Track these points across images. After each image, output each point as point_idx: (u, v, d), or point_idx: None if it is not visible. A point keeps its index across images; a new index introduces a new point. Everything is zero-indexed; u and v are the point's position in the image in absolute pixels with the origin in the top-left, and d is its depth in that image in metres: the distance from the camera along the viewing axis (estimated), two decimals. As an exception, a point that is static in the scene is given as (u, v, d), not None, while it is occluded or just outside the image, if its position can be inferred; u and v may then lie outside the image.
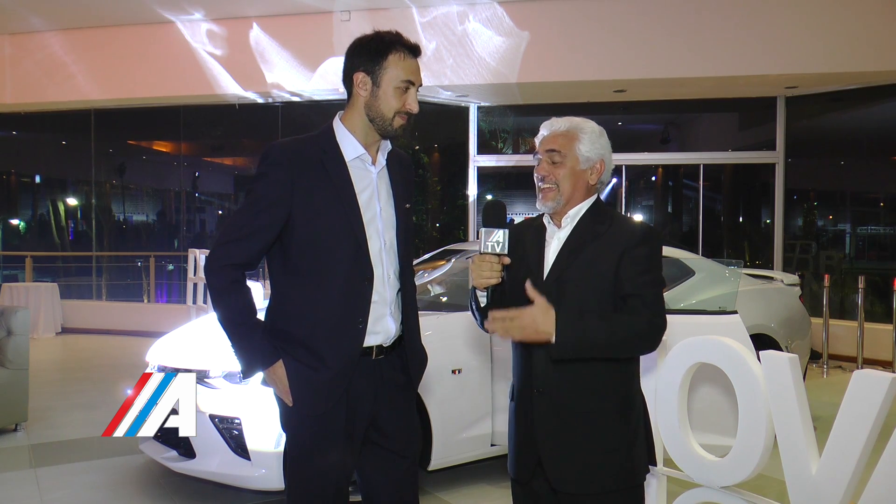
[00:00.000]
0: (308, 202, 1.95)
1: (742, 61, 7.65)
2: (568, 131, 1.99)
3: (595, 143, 1.97)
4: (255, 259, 1.99)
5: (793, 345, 5.01)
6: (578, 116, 2.04)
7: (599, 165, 1.99)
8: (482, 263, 1.89)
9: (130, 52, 9.19)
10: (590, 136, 1.98)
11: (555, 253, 1.97)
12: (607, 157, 2.01)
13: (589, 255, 1.91)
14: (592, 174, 1.98)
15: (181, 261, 10.38)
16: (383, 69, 1.98)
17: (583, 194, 1.99)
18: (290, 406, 1.98)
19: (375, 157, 2.07)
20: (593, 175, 1.98)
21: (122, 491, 3.85)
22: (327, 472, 2.00)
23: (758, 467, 2.02)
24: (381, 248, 2.03)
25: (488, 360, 3.82)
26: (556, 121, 2.02)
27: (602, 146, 1.99)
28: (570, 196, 1.97)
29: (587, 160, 1.97)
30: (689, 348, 2.21)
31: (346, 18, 8.33)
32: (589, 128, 1.99)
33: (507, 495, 2.22)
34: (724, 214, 10.04)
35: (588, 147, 1.97)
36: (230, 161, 12.28)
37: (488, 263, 1.88)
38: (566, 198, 1.97)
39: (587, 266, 1.91)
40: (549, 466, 1.92)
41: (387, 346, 2.06)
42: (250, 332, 1.96)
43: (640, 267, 1.88)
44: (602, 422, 1.90)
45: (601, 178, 2.01)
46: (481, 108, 9.69)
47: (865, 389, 1.72)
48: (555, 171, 1.96)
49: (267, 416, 3.27)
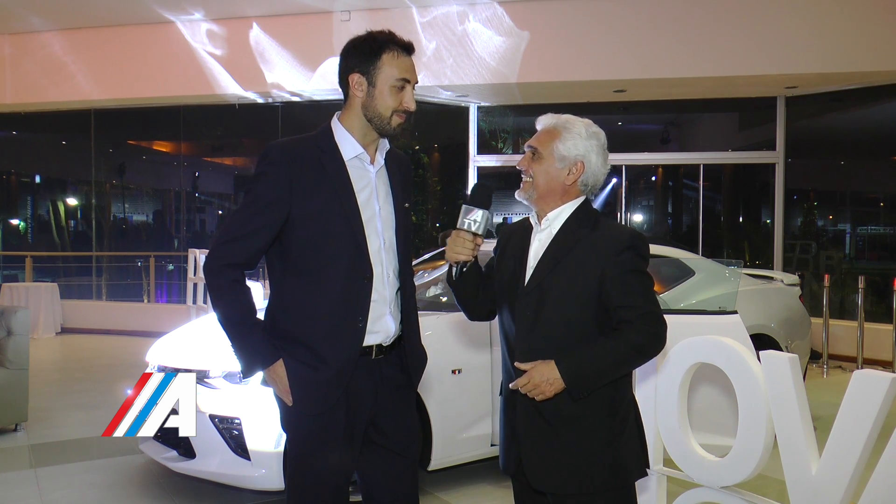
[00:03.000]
0: (307, 201, 1.95)
1: (742, 61, 7.65)
2: (552, 129, 1.98)
3: (578, 143, 1.94)
4: (254, 258, 1.99)
5: (793, 345, 5.01)
6: (580, 117, 2.01)
7: (578, 166, 1.94)
8: (457, 239, 1.94)
9: (130, 52, 9.19)
10: (574, 135, 1.95)
11: (535, 254, 1.96)
12: (592, 159, 1.95)
13: (571, 262, 1.89)
14: (570, 175, 1.95)
15: (181, 261, 10.37)
16: (378, 69, 1.98)
17: (560, 194, 1.96)
18: (290, 405, 1.98)
19: (374, 157, 2.07)
20: (570, 176, 1.95)
21: (122, 491, 3.85)
22: (327, 472, 2.00)
23: (758, 467, 2.02)
24: (380, 247, 2.03)
25: (488, 360, 3.82)
26: (548, 117, 2.02)
27: (586, 148, 1.95)
28: (545, 193, 1.96)
29: (563, 159, 1.94)
30: (689, 348, 2.21)
31: (346, 18, 8.33)
32: (577, 128, 1.96)
33: (508, 495, 2.22)
34: (724, 214, 10.04)
35: (567, 146, 1.94)
36: (230, 161, 12.27)
37: (462, 240, 1.93)
38: (539, 193, 1.97)
39: (569, 273, 1.89)
40: (528, 465, 1.93)
41: (386, 345, 2.06)
42: (250, 332, 1.96)
43: (627, 275, 1.85)
44: (585, 424, 1.88)
45: (583, 181, 1.96)
46: (481, 108, 9.68)
47: (865, 389, 1.72)
48: (532, 164, 1.97)
49: (267, 416, 3.27)
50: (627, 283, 1.86)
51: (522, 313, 1.92)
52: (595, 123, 2.02)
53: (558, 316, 1.88)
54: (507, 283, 1.99)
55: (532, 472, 1.92)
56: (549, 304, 1.89)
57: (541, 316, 1.89)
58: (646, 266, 1.91)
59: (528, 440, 1.92)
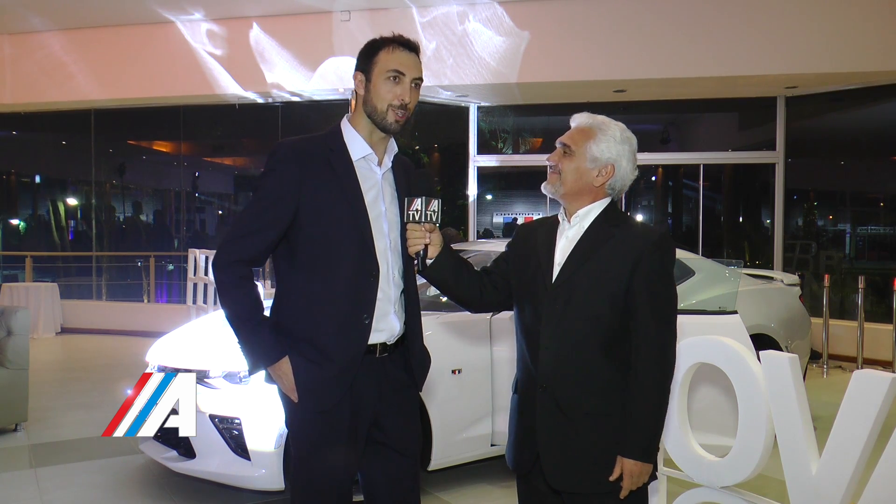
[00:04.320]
0: (315, 199, 1.97)
1: (742, 61, 7.65)
2: (587, 128, 1.99)
3: (611, 146, 1.95)
4: (262, 255, 2.00)
5: (793, 345, 5.01)
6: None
7: (609, 169, 1.96)
8: (409, 231, 1.99)
9: (130, 52, 9.19)
10: (609, 138, 1.96)
11: (563, 252, 1.97)
12: (623, 164, 1.97)
13: (601, 258, 1.91)
14: (599, 176, 1.96)
15: (181, 261, 10.37)
16: (374, 64, 2.01)
17: (589, 194, 1.98)
18: (295, 403, 1.99)
19: (382, 159, 2.09)
20: (599, 177, 1.96)
21: (122, 491, 3.85)
22: (331, 471, 2.00)
23: (758, 467, 2.02)
24: (386, 247, 2.04)
25: (488, 360, 3.82)
26: (584, 116, 2.03)
27: (619, 152, 1.96)
28: (572, 190, 1.98)
29: (594, 160, 1.95)
30: (689, 348, 2.21)
31: (346, 18, 8.33)
32: (612, 130, 1.97)
33: (508, 495, 2.22)
34: (724, 214, 10.04)
35: (601, 148, 1.95)
36: (230, 161, 12.27)
37: (411, 231, 1.98)
38: (566, 189, 1.98)
39: (599, 269, 1.90)
40: (547, 463, 1.92)
41: (390, 344, 2.07)
42: (257, 329, 1.97)
43: (654, 283, 1.88)
44: (605, 422, 1.89)
45: (610, 184, 1.98)
46: (481, 108, 9.68)
47: (865, 389, 1.72)
48: (563, 161, 1.98)
49: (267, 416, 3.27)
50: (654, 293, 1.88)
51: (551, 308, 1.92)
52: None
53: (587, 311, 1.89)
54: (531, 279, 1.99)
55: (550, 470, 1.92)
56: (577, 299, 1.90)
57: (569, 311, 1.90)
58: (672, 267, 1.95)
59: (548, 437, 1.92)
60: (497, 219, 10.47)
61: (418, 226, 1.97)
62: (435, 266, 2.01)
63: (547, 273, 1.96)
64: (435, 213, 1.97)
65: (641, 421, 1.85)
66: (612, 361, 1.89)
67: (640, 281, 1.87)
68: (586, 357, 1.89)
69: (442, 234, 2.07)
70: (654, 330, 1.87)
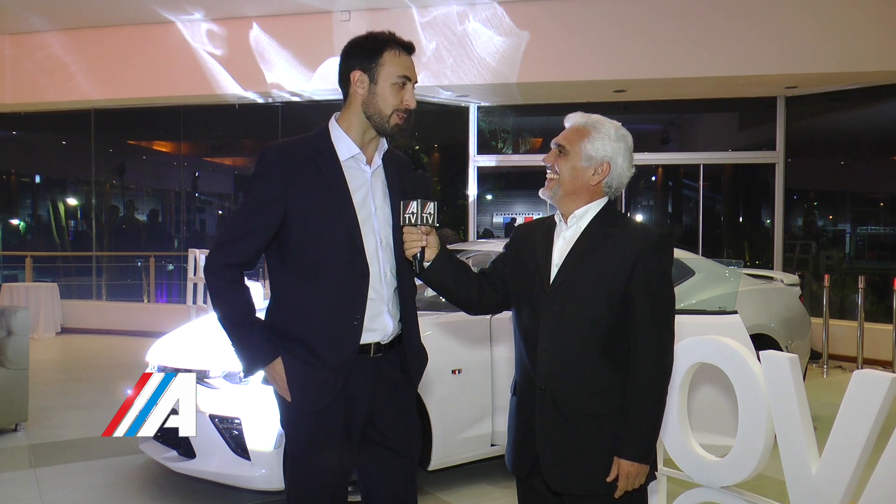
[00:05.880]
0: (303, 201, 1.96)
1: (742, 61, 7.64)
2: (581, 127, 1.99)
3: (606, 144, 1.95)
4: (252, 259, 2.01)
5: (793, 345, 5.01)
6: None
7: (605, 167, 1.95)
8: (405, 235, 1.98)
9: (130, 52, 9.19)
10: (603, 136, 1.95)
11: (561, 252, 1.96)
12: (619, 162, 1.96)
13: (598, 261, 1.90)
14: (595, 175, 1.96)
15: (181, 261, 10.37)
16: (380, 66, 1.99)
17: (586, 194, 1.97)
18: (289, 403, 1.99)
19: (371, 158, 2.08)
20: (596, 176, 1.96)
21: (122, 491, 3.85)
22: (326, 471, 2.00)
23: (758, 467, 2.02)
24: (377, 246, 2.03)
25: (488, 360, 3.82)
26: (577, 116, 2.02)
27: (614, 150, 1.96)
28: (570, 191, 1.97)
29: (589, 158, 1.95)
30: (689, 348, 2.21)
31: (345, 18, 8.33)
32: (606, 128, 1.97)
33: (508, 495, 2.22)
34: (724, 214, 10.04)
35: (595, 146, 1.95)
36: (230, 161, 12.26)
37: (407, 234, 1.97)
38: (564, 191, 1.97)
39: (597, 269, 1.90)
40: (546, 464, 1.92)
41: (385, 343, 2.07)
42: (249, 331, 1.98)
43: (654, 283, 1.87)
44: (604, 423, 1.89)
45: (607, 182, 1.97)
46: (481, 108, 9.68)
47: (865, 389, 1.72)
48: (559, 161, 1.98)
49: (267, 416, 3.27)
50: (653, 294, 1.87)
51: (549, 310, 1.92)
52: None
53: (586, 311, 1.89)
54: (529, 281, 1.99)
55: (550, 472, 1.92)
56: (576, 300, 1.90)
57: (567, 311, 1.90)
58: (671, 268, 1.94)
59: (547, 439, 1.92)
60: (497, 219, 10.47)
61: (414, 228, 1.96)
62: (432, 269, 2.01)
63: (545, 275, 1.95)
64: (431, 216, 1.96)
65: (639, 422, 1.85)
66: (611, 363, 1.89)
67: (639, 281, 1.86)
68: (585, 358, 1.89)
69: (439, 236, 2.06)
70: (652, 331, 1.87)
